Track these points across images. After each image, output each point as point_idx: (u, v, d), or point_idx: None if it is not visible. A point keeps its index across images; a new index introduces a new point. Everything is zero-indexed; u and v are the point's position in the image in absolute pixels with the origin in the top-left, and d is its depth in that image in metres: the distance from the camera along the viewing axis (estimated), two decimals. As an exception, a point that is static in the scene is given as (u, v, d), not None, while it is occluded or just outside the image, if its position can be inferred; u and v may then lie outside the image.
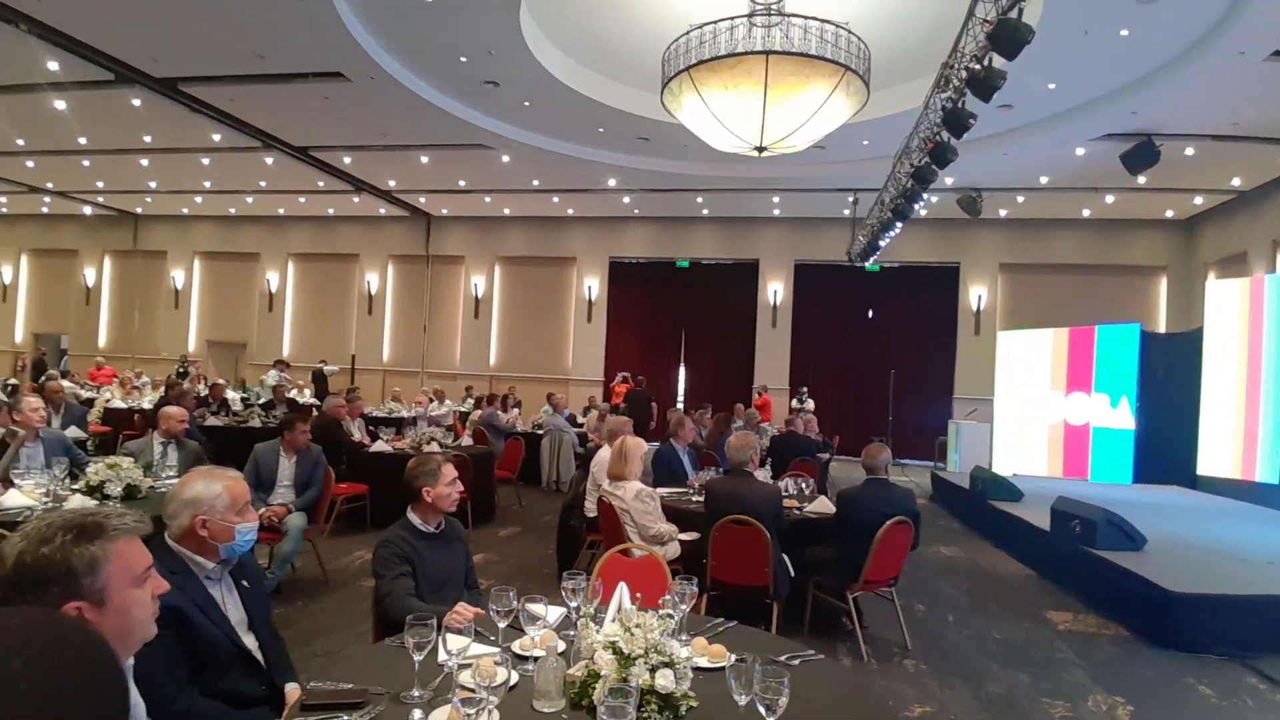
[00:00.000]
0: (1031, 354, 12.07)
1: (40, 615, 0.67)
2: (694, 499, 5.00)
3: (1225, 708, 3.82)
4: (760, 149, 6.59)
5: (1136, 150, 9.31)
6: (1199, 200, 12.46)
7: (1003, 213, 13.78)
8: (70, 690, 0.60)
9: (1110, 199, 12.44)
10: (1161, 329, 13.38)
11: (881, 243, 10.45)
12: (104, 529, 1.38)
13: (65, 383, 10.68)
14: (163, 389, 10.51)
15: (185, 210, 17.68)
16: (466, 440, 8.42)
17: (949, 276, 14.75)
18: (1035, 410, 11.81)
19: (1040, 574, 6.49)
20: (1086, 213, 13.54)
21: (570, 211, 15.78)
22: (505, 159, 11.96)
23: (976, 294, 14.54)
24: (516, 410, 12.09)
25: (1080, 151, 10.10)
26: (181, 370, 14.97)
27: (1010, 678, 4.12)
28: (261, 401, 10.84)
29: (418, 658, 1.82)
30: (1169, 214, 13.38)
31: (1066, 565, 6.12)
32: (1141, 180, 10.55)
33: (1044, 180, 11.72)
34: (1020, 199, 12.85)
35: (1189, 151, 9.84)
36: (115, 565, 1.34)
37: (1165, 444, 10.23)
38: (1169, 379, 10.55)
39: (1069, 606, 5.53)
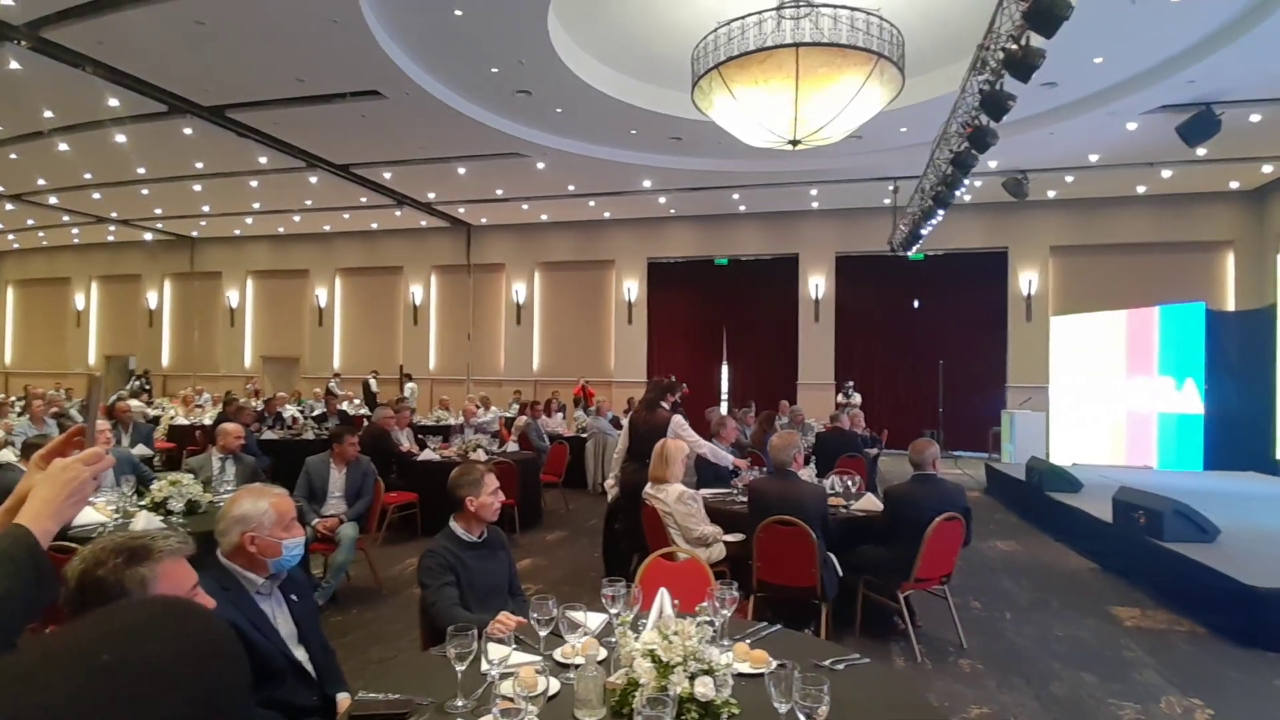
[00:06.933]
0: (1088, 339, 11.67)
1: (167, 602, 0.74)
2: (739, 500, 4.95)
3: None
4: (794, 142, 6.50)
5: (1194, 121, 8.88)
6: (1268, 169, 11.82)
7: (1051, 194, 13.33)
8: (203, 668, 0.65)
9: (1167, 174, 11.90)
10: (1230, 307, 12.76)
11: (924, 231, 10.21)
12: (151, 551, 1.47)
13: (134, 402, 11.18)
14: (221, 405, 10.87)
15: (237, 231, 18.30)
16: (512, 446, 8.52)
17: (997, 262, 14.33)
18: (1094, 397, 11.41)
19: (1103, 568, 6.24)
20: (1142, 189, 13.00)
21: (608, 215, 15.84)
22: (540, 166, 12.07)
23: (1027, 279, 14.09)
24: (561, 414, 12.18)
25: (1132, 126, 9.70)
26: (142, 384, 15.88)
27: (1075, 678, 3.97)
28: (315, 414, 11.14)
29: (460, 668, 1.84)
30: (1234, 185, 12.74)
31: (1132, 559, 5.88)
32: (1201, 152, 10.08)
33: (1094, 159, 11.29)
34: (1069, 179, 12.40)
35: (1255, 118, 9.34)
36: (163, 585, 1.42)
37: (1239, 428, 9.76)
38: (1241, 359, 10.07)
39: (1136, 602, 5.31)
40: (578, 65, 8.67)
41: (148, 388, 16.40)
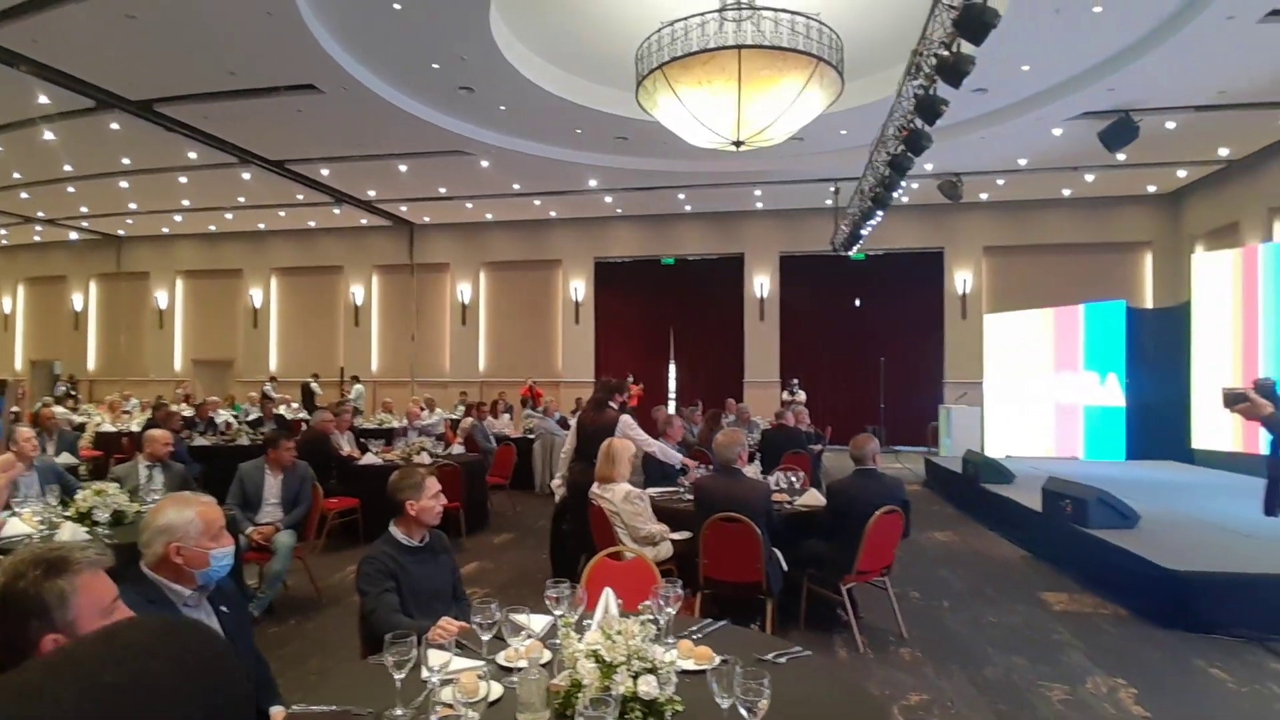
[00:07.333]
0: (1018, 336, 12.12)
1: (168, 621, 0.79)
2: (685, 498, 4.98)
3: (1246, 694, 3.67)
4: (737, 143, 6.57)
5: (1114, 127, 9.33)
6: (1182, 173, 12.50)
7: (984, 196, 13.82)
8: (205, 685, 0.66)
9: (1090, 178, 12.48)
10: (1148, 304, 13.44)
11: (864, 231, 10.47)
12: (69, 563, 1.44)
13: (59, 409, 10.63)
14: (150, 411, 10.43)
15: (166, 230, 17.59)
16: (458, 448, 8.38)
17: (934, 262, 14.79)
18: (1024, 392, 11.86)
19: (1034, 555, 6.49)
20: (1067, 192, 13.59)
21: (553, 214, 15.75)
22: (485, 164, 11.92)
23: (962, 278, 14.58)
24: (508, 415, 12.06)
25: (1057, 132, 10.13)
26: (67, 389, 15.23)
27: (1007, 662, 4.12)
28: (250, 419, 10.77)
29: (398, 676, 1.80)
30: (1151, 189, 13.43)
31: (1060, 546, 6.13)
32: (1121, 157, 10.59)
33: (1022, 162, 11.75)
34: (1000, 182, 12.88)
35: (1170, 125, 9.86)
36: (83, 598, 1.39)
37: (1158, 419, 10.26)
38: (1159, 354, 10.59)
39: (1064, 587, 5.54)
40: (521, 63, 8.60)
41: (73, 393, 15.60)
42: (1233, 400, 2.78)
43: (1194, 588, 4.60)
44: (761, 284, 15.39)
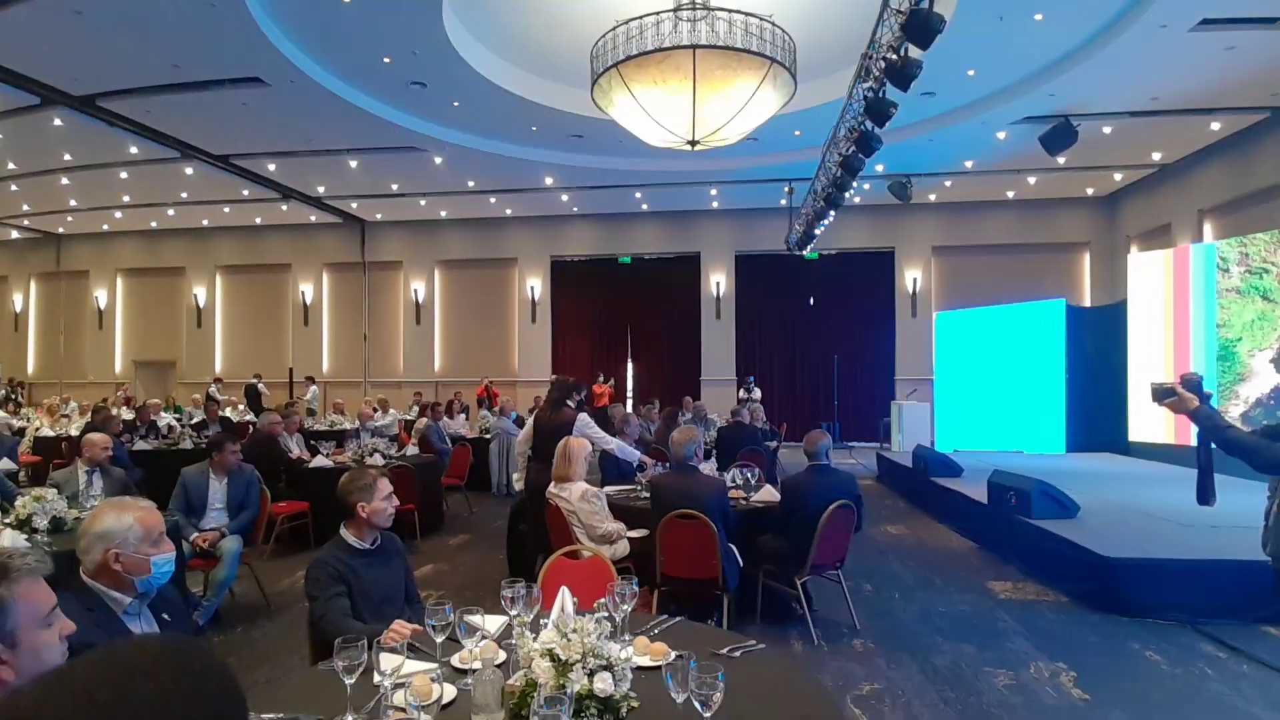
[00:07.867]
0: (965, 333, 12.47)
1: (166, 641, 0.75)
2: (642, 496, 4.99)
3: (1179, 674, 3.83)
4: (692, 143, 6.62)
5: (1054, 131, 9.65)
6: (1119, 176, 12.98)
7: (932, 197, 14.15)
8: (199, 709, 0.65)
9: (1032, 180, 12.89)
10: (1086, 303, 13.94)
11: (817, 231, 10.63)
12: (8, 570, 1.44)
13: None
14: (89, 415, 10.02)
15: (106, 227, 16.93)
16: (412, 449, 8.26)
17: (885, 261, 15.09)
18: (972, 387, 12.21)
19: (981, 546, 6.69)
20: (1010, 194, 14.01)
21: (509, 212, 15.62)
22: (438, 160, 11.76)
23: (911, 277, 14.92)
24: (464, 415, 11.92)
25: (1001, 135, 10.43)
26: (7, 393, 14.72)
27: (955, 650, 4.23)
28: (194, 422, 10.43)
29: (349, 681, 1.77)
30: (1089, 191, 13.93)
31: (1005, 536, 6.33)
32: (1061, 160, 10.96)
33: (969, 165, 12.07)
34: (948, 183, 13.21)
35: (1106, 130, 10.23)
36: (22, 607, 1.35)
37: (1096, 413, 10.67)
38: (1096, 350, 11.01)
39: (1009, 576, 5.72)
40: (475, 59, 8.50)
41: (14, 397, 14.89)
42: (1161, 395, 2.89)
43: (1130, 574, 4.80)
44: (718, 283, 15.51)
